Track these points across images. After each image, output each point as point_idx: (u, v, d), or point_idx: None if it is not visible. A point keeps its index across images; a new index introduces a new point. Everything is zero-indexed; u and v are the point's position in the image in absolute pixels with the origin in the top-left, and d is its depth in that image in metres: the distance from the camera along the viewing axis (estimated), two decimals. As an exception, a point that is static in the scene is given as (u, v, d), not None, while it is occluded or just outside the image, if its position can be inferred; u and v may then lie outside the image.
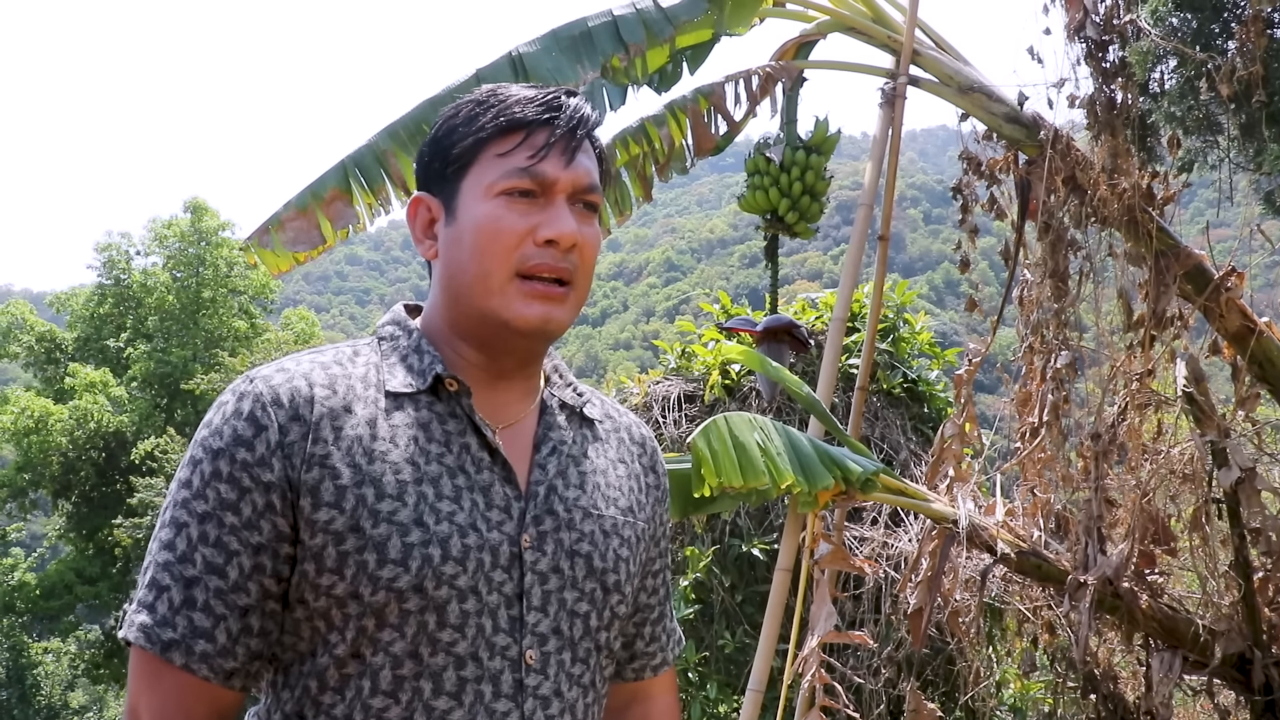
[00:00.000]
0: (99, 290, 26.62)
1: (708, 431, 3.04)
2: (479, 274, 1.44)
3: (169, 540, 1.36)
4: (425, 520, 1.36)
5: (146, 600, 1.36)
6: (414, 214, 1.53)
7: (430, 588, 1.34)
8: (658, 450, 1.73)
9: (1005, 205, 4.15)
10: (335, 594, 1.34)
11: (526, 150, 1.45)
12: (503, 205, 1.44)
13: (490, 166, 1.46)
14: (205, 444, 1.38)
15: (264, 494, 1.35)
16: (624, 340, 72.12)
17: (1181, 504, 3.84)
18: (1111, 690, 3.84)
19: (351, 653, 1.35)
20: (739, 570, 6.06)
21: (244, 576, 1.35)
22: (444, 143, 1.50)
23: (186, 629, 1.34)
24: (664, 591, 1.71)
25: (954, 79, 3.95)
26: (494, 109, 1.47)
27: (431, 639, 1.36)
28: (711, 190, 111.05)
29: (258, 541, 1.35)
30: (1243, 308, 3.77)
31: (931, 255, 74.51)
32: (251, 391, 1.38)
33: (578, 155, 1.48)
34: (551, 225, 1.44)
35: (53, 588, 23.88)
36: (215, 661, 1.34)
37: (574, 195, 1.48)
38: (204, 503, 1.35)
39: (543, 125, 1.46)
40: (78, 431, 23.53)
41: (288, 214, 3.66)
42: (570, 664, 1.46)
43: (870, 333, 4.04)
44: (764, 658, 3.55)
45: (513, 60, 3.54)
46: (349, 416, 1.39)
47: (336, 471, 1.36)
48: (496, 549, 1.40)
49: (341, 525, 1.34)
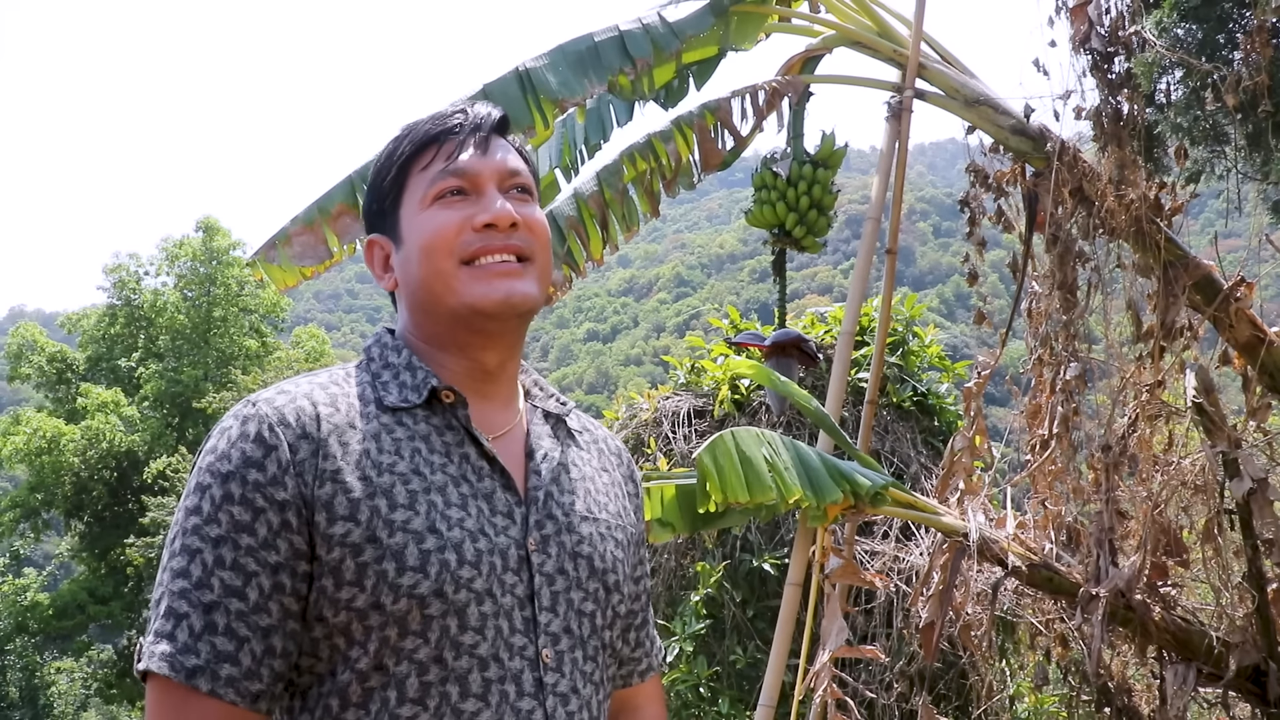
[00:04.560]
0: (110, 310, 26.68)
1: (714, 447, 3.04)
2: (433, 274, 1.50)
3: (182, 568, 1.35)
4: (438, 527, 1.39)
5: (165, 630, 1.34)
6: (371, 256, 1.60)
7: (450, 591, 1.37)
8: (633, 461, 1.78)
9: (1013, 218, 4.15)
10: (356, 606, 1.35)
11: (443, 155, 1.54)
12: (438, 208, 1.52)
13: (417, 184, 1.54)
14: (212, 469, 1.38)
15: (279, 513, 1.35)
16: (634, 356, 72.07)
17: (1194, 515, 3.83)
18: (1126, 703, 3.82)
19: (375, 665, 1.36)
20: (750, 585, 6.05)
21: (264, 597, 1.35)
22: (375, 184, 1.59)
23: (210, 654, 1.32)
24: (645, 599, 1.74)
25: (960, 92, 3.95)
26: (407, 136, 1.57)
27: (455, 643, 1.37)
28: (721, 205, 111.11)
29: (275, 561, 1.35)
30: (1252, 318, 3.76)
31: (941, 268, 74.38)
32: (256, 414, 1.40)
33: (492, 148, 1.56)
34: (486, 210, 1.51)
35: (65, 607, 23.88)
36: (242, 685, 1.33)
37: (503, 183, 1.55)
38: (217, 527, 1.35)
39: (451, 132, 1.55)
40: (89, 451, 23.56)
41: (294, 229, 3.67)
42: (582, 661, 1.49)
43: (879, 346, 4.04)
44: (775, 673, 3.54)
45: (520, 75, 3.55)
46: (353, 432, 1.42)
47: (348, 485, 1.37)
48: (505, 552, 1.44)
49: (358, 537, 1.36)
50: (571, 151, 4.01)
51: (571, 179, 4.07)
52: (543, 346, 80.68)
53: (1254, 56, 3.43)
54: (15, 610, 24.37)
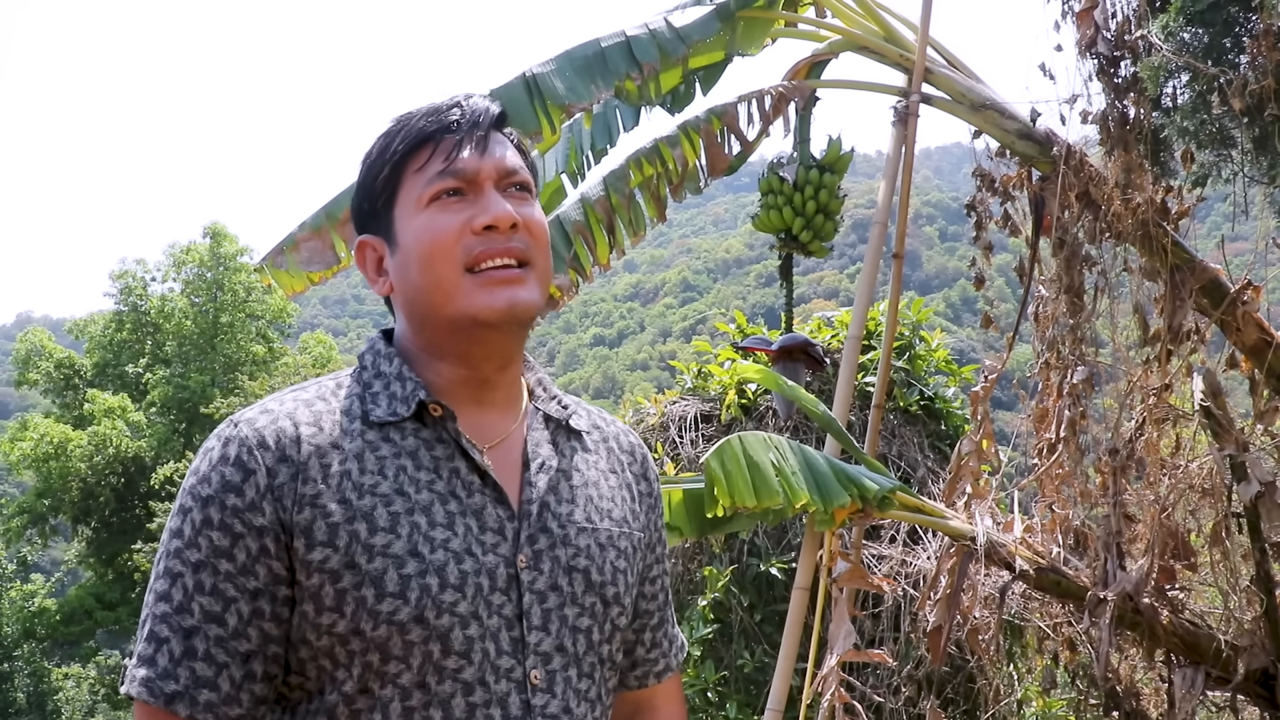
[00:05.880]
0: (117, 316, 26.77)
1: (721, 452, 3.04)
2: (432, 283, 1.44)
3: (164, 591, 1.36)
4: (420, 550, 1.36)
5: (146, 654, 1.35)
6: (362, 259, 1.55)
7: (431, 617, 1.34)
8: (648, 456, 1.72)
9: (1019, 222, 4.15)
10: (337, 632, 1.34)
11: (440, 155, 1.47)
12: (435, 210, 1.46)
13: (413, 183, 1.48)
14: (194, 492, 1.37)
15: (257, 538, 1.34)
16: (641, 361, 72.05)
17: (1201, 519, 3.82)
18: (1134, 707, 3.82)
19: (360, 688, 1.35)
20: (757, 589, 6.04)
21: (243, 623, 1.35)
22: (366, 182, 1.53)
23: (189, 680, 1.33)
24: (663, 597, 1.70)
25: (966, 96, 3.96)
26: (399, 133, 1.50)
27: (438, 667, 1.35)
28: (727, 210, 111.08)
29: (254, 587, 1.35)
30: (1260, 321, 3.76)
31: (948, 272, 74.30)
32: (236, 436, 1.38)
33: (490, 144, 1.50)
34: (486, 211, 1.45)
35: (73, 613, 23.95)
36: (220, 710, 1.34)
37: (501, 181, 1.49)
38: (197, 551, 1.35)
39: (447, 130, 1.48)
40: (97, 457, 23.63)
41: (302, 234, 3.68)
42: (576, 680, 1.46)
43: (886, 350, 4.04)
44: (783, 677, 3.54)
45: (526, 81, 3.56)
46: (336, 453, 1.39)
47: (327, 510, 1.35)
48: (493, 572, 1.40)
49: (337, 563, 1.34)
50: (578, 157, 4.01)
51: (578, 184, 4.07)
52: (549, 351, 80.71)
53: (1260, 60, 3.43)
54: (23, 616, 24.46)
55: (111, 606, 23.76)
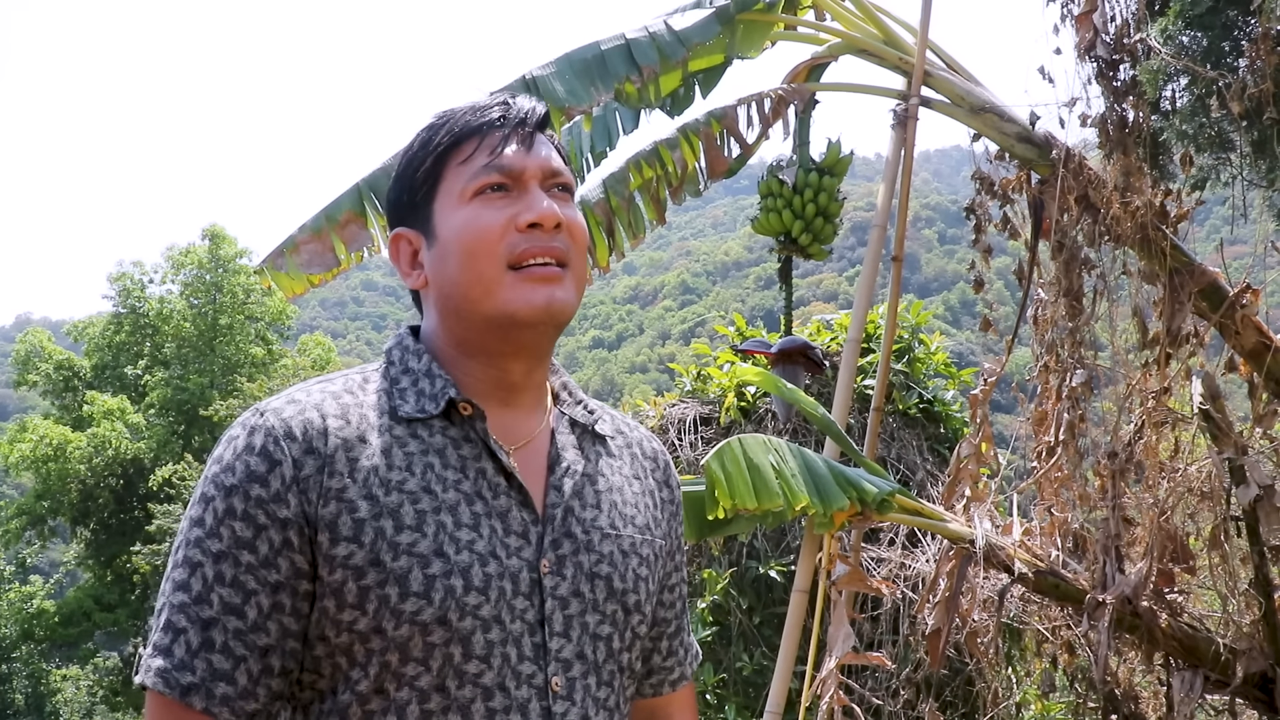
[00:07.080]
0: (116, 318, 26.75)
1: (722, 454, 3.04)
2: (473, 278, 1.42)
3: (183, 581, 1.32)
4: (445, 550, 1.34)
5: (163, 644, 1.31)
6: (396, 251, 1.52)
7: (454, 619, 1.32)
8: (670, 463, 1.70)
9: (1018, 225, 4.16)
10: (357, 629, 1.31)
11: (485, 149, 1.45)
12: (479, 205, 1.43)
13: (456, 176, 1.45)
14: (217, 480, 1.34)
15: (280, 531, 1.31)
16: (640, 363, 72.07)
17: (1200, 522, 3.82)
18: (1133, 710, 3.82)
19: (375, 688, 1.32)
20: (756, 592, 6.05)
21: (263, 616, 1.31)
22: (406, 174, 1.50)
23: (206, 672, 1.30)
24: (680, 606, 1.68)
25: (966, 100, 3.96)
26: (444, 126, 1.48)
27: (458, 671, 1.33)
28: (726, 213, 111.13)
29: (276, 580, 1.32)
30: (1258, 324, 3.77)
31: (947, 275, 74.33)
32: (263, 425, 1.35)
33: (535, 143, 1.48)
34: (531, 209, 1.43)
35: (71, 615, 23.92)
36: (237, 704, 1.31)
37: (546, 180, 1.47)
38: (219, 541, 1.32)
39: (494, 125, 1.46)
40: (96, 459, 23.61)
41: (302, 237, 3.69)
42: (595, 688, 1.43)
43: (885, 353, 4.04)
44: (782, 679, 3.54)
45: (526, 83, 3.56)
46: (363, 447, 1.36)
47: (353, 505, 1.33)
48: (517, 576, 1.38)
49: (361, 560, 1.31)
50: (578, 159, 4.02)
51: (578, 187, 4.08)
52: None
53: (1259, 64, 3.43)
54: (21, 618, 24.45)
55: (110, 608, 23.73)
